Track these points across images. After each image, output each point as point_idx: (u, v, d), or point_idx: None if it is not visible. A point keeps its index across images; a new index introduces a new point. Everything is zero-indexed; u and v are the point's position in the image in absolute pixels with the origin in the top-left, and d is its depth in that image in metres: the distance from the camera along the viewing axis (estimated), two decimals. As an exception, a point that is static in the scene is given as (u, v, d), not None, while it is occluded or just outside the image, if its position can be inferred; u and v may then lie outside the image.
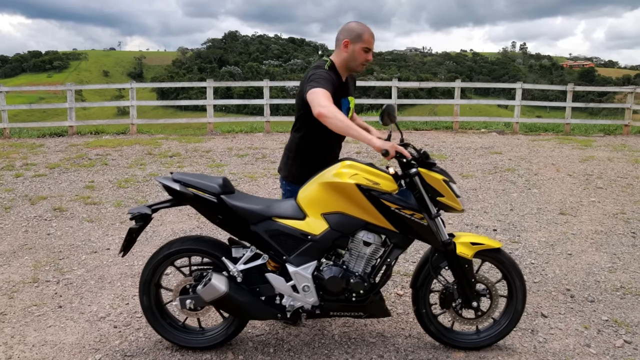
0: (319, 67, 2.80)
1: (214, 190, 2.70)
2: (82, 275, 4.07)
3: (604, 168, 8.05)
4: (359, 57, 2.81)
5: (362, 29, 2.79)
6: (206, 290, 2.72)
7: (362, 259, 2.72)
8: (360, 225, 2.66)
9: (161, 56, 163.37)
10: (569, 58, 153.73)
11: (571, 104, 12.42)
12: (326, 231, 2.66)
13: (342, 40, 2.78)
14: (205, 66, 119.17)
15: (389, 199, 2.62)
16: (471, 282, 2.83)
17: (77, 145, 10.09)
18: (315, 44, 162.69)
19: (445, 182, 2.65)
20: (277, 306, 2.79)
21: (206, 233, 5.03)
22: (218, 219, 2.74)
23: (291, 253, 2.70)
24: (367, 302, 2.75)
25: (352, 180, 2.60)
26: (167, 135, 11.66)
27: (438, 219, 2.69)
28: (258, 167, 8.19)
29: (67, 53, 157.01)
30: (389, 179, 2.65)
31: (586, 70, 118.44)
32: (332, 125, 2.49)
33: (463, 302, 2.87)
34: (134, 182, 7.12)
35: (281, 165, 3.06)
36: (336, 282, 2.67)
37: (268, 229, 2.70)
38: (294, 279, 2.70)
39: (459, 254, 2.75)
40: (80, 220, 5.50)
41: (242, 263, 2.78)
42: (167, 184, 2.72)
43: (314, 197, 2.69)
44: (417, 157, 2.66)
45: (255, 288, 2.80)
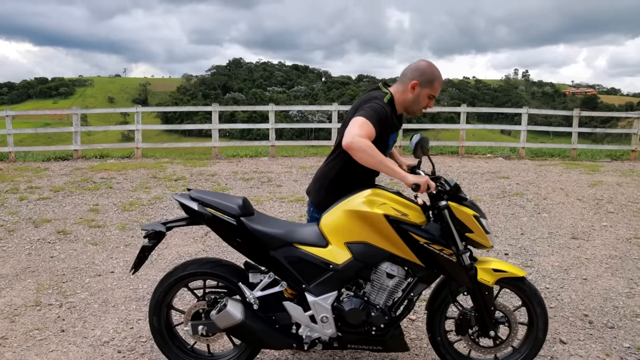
0: (377, 98, 2.62)
1: (233, 211, 2.58)
2: (85, 298, 3.97)
3: (614, 193, 7.96)
4: (423, 102, 2.67)
5: (435, 75, 2.63)
6: (221, 317, 2.60)
7: (384, 292, 2.59)
8: (385, 257, 2.54)
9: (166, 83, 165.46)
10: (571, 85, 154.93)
11: (577, 129, 12.41)
12: (349, 261, 2.53)
13: (411, 81, 2.62)
14: (209, 92, 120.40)
15: (418, 232, 2.50)
16: (490, 310, 2.70)
17: (82, 169, 10.08)
18: (319, 71, 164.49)
19: (475, 217, 2.53)
20: (292, 335, 2.66)
21: (212, 256, 4.93)
22: (236, 242, 2.61)
23: (311, 282, 2.57)
24: (387, 337, 2.62)
25: (380, 210, 2.47)
26: (172, 159, 11.66)
27: (465, 255, 2.54)
28: (264, 190, 8.14)
29: (73, 80, 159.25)
30: (417, 210, 2.54)
31: (589, 97, 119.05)
32: (360, 160, 2.38)
33: (480, 330, 2.74)
34: (139, 205, 7.06)
35: (312, 189, 2.91)
36: (357, 315, 2.55)
37: (288, 255, 2.57)
38: (312, 309, 2.57)
39: (479, 280, 2.62)
40: (84, 243, 5.43)
41: (259, 289, 2.65)
42: (184, 202, 2.61)
43: (338, 224, 2.56)
44: (448, 189, 2.55)
45: (272, 316, 2.66)
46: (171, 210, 6.79)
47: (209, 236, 5.64)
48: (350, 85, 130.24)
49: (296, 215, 6.57)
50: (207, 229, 5.89)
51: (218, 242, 5.40)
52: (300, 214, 6.61)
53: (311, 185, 2.94)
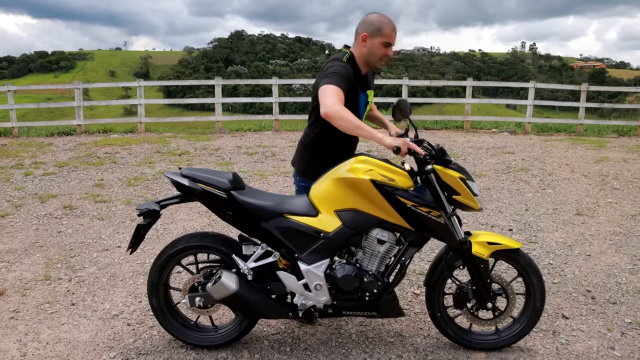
0: (337, 59, 2.67)
1: (223, 185, 2.63)
2: (94, 273, 4.03)
3: (620, 169, 7.93)
4: (378, 52, 2.65)
5: (383, 21, 2.62)
6: (216, 288, 2.66)
7: (375, 258, 2.64)
8: (375, 223, 2.58)
9: (167, 56, 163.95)
10: (579, 59, 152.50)
11: (584, 104, 12.26)
12: (339, 228, 2.58)
13: (361, 34, 2.64)
14: (211, 66, 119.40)
15: (405, 195, 2.53)
16: (486, 282, 2.75)
17: (86, 144, 10.09)
18: (322, 44, 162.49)
19: (462, 180, 2.55)
20: (288, 305, 2.73)
21: (218, 230, 4.97)
22: (228, 215, 2.66)
23: (303, 251, 2.63)
24: (380, 302, 2.68)
25: (367, 176, 2.51)
26: (176, 133, 11.65)
27: (454, 218, 2.59)
28: (268, 165, 8.14)
29: (74, 53, 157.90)
30: (404, 175, 2.56)
31: (597, 71, 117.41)
32: (339, 126, 2.41)
33: (478, 303, 2.79)
34: (144, 180, 7.09)
35: (295, 159, 2.97)
36: (349, 281, 2.60)
37: (279, 226, 2.62)
38: (305, 278, 2.63)
39: (474, 254, 2.67)
40: (91, 218, 5.47)
41: (252, 261, 2.72)
42: (175, 179, 2.65)
43: (327, 193, 2.61)
44: (434, 153, 2.57)
45: (266, 286, 2.73)
46: (176, 185, 6.82)
47: (214, 211, 5.67)
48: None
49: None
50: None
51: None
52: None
53: (295, 156, 2.99)
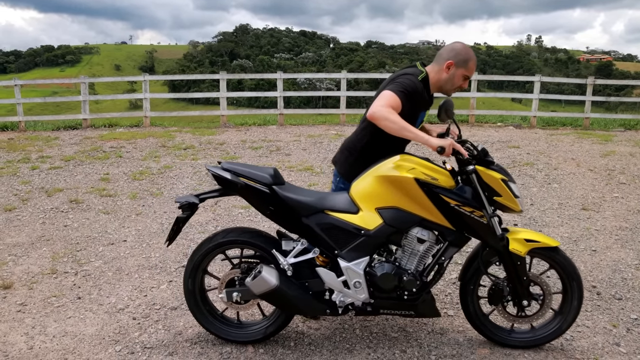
0: (411, 74, 2.69)
1: (266, 180, 2.64)
2: (99, 266, 4.05)
3: (627, 163, 7.89)
4: (457, 82, 2.72)
5: (470, 56, 2.68)
6: (256, 283, 2.66)
7: (415, 257, 2.64)
8: (416, 222, 2.58)
9: (172, 50, 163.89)
10: (586, 52, 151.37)
11: (591, 97, 12.17)
12: (380, 226, 2.58)
13: (447, 61, 2.67)
14: (216, 60, 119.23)
15: (449, 195, 2.53)
16: (523, 280, 2.72)
17: (92, 138, 10.13)
18: (327, 37, 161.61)
19: (503, 181, 2.55)
20: (326, 302, 2.73)
21: (222, 225, 5.00)
22: (269, 210, 2.67)
23: (343, 248, 2.63)
24: (419, 301, 2.68)
25: (411, 174, 2.52)
26: (180, 127, 11.67)
27: (494, 218, 2.58)
28: (273, 159, 8.15)
29: (79, 47, 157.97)
30: (446, 174, 2.56)
31: (604, 64, 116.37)
32: (384, 127, 2.46)
33: (514, 300, 2.77)
34: (149, 175, 7.11)
35: (339, 159, 2.95)
36: (389, 279, 2.60)
37: (320, 222, 2.63)
38: (345, 275, 2.63)
39: (511, 251, 2.64)
40: (97, 212, 5.50)
41: (292, 256, 2.72)
42: (218, 172, 2.66)
43: (369, 190, 2.60)
44: (476, 154, 2.57)
45: (305, 283, 2.73)
46: (181, 180, 6.84)
47: (219, 205, 5.69)
48: (358, 52, 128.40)
49: (305, 184, 6.58)
50: (217, 198, 5.94)
51: (228, 211, 5.45)
52: (309, 183, 6.63)
53: (338, 155, 2.98)
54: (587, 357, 2.81)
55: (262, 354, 2.82)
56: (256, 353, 2.83)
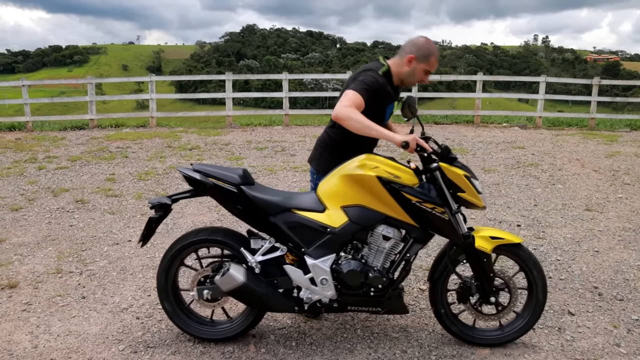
0: (372, 69, 2.74)
1: (234, 180, 2.70)
2: (104, 266, 4.10)
3: (631, 164, 7.85)
4: (418, 76, 2.77)
5: (431, 50, 2.73)
6: (224, 280, 2.72)
7: (381, 254, 2.69)
8: (380, 219, 2.64)
9: (179, 50, 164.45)
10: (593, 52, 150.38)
11: (596, 98, 12.12)
12: (346, 224, 2.64)
13: (408, 54, 2.73)
14: (223, 60, 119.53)
15: (410, 192, 2.59)
16: (490, 277, 2.77)
17: (98, 138, 10.21)
18: (334, 37, 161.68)
19: (466, 177, 2.61)
20: (294, 299, 2.79)
21: (227, 225, 5.02)
22: (237, 209, 2.74)
23: (310, 245, 2.69)
24: (385, 298, 2.73)
25: (373, 172, 2.58)
26: (187, 128, 11.73)
27: (459, 215, 2.64)
28: (277, 160, 8.18)
29: (87, 47, 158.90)
30: (409, 172, 2.62)
31: (611, 64, 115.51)
32: (349, 127, 2.53)
33: (481, 297, 2.82)
34: (154, 175, 7.17)
35: (314, 157, 3.04)
36: (355, 276, 2.66)
37: (287, 221, 2.69)
38: (312, 272, 2.69)
39: (477, 248, 2.70)
40: (102, 212, 5.55)
41: (260, 254, 2.77)
42: (187, 173, 2.73)
43: (334, 189, 2.67)
44: (439, 151, 2.62)
45: (273, 280, 2.79)
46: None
47: (223, 206, 5.72)
48: (365, 52, 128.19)
49: (309, 185, 6.60)
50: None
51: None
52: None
53: (313, 153, 3.06)
54: (588, 357, 2.81)
55: (263, 353, 2.85)
56: (258, 352, 2.85)
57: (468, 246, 2.70)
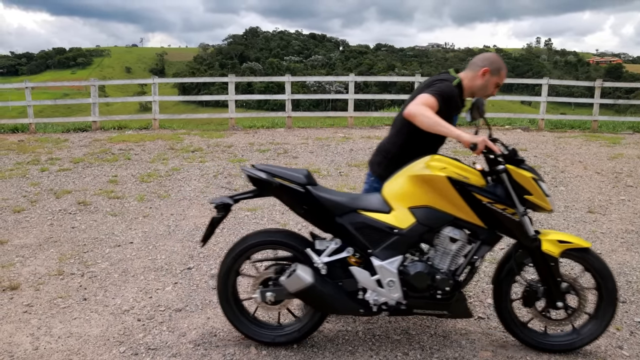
0: (446, 80, 2.81)
1: (300, 180, 2.70)
2: (106, 268, 4.10)
3: (634, 166, 7.83)
4: (490, 89, 2.86)
5: (502, 65, 2.85)
6: (291, 281, 2.70)
7: (447, 256, 2.67)
8: (448, 220, 2.62)
9: (182, 52, 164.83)
10: (595, 54, 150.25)
11: (599, 100, 12.10)
12: (413, 225, 2.63)
13: (482, 68, 2.81)
14: (226, 62, 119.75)
15: (481, 192, 2.57)
16: (557, 281, 2.72)
17: (101, 140, 10.23)
18: (337, 40, 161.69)
19: (534, 180, 2.58)
20: (359, 301, 2.76)
21: (228, 228, 5.03)
22: (303, 209, 2.74)
23: (376, 247, 2.67)
24: (452, 301, 2.69)
25: (443, 173, 2.57)
26: (189, 130, 11.74)
27: (526, 217, 2.61)
28: (280, 162, 8.18)
29: (91, 50, 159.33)
30: (477, 174, 2.61)
31: (613, 67, 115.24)
32: (420, 123, 2.55)
33: (548, 302, 2.78)
34: (157, 177, 7.18)
35: (375, 162, 3.06)
36: (422, 278, 2.63)
37: (354, 221, 2.68)
38: (378, 273, 2.67)
39: (544, 251, 2.66)
40: (104, 214, 5.56)
41: (326, 255, 2.76)
42: (253, 173, 2.72)
43: (402, 190, 2.66)
44: (506, 153, 2.61)
45: (338, 282, 2.76)
46: (188, 182, 6.89)
47: (225, 208, 5.72)
48: (368, 55, 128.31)
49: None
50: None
51: (234, 214, 5.48)
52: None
53: (374, 158, 3.09)
54: (590, 361, 2.80)
55: (264, 355, 2.84)
56: (259, 355, 2.85)
57: (535, 249, 2.67)
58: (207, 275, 3.95)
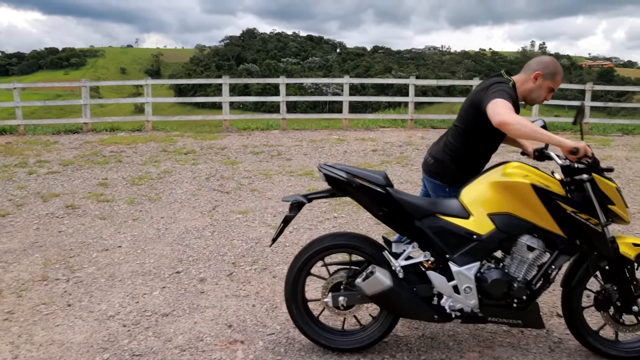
0: (503, 82, 2.76)
1: (380, 182, 2.65)
2: (92, 273, 4.03)
3: (622, 167, 7.86)
4: (543, 93, 2.81)
5: (558, 70, 2.78)
6: (369, 284, 2.65)
7: (523, 264, 2.62)
8: (527, 228, 2.57)
9: (179, 53, 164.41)
10: (588, 58, 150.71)
11: (590, 103, 12.21)
12: (492, 231, 2.58)
13: (535, 71, 2.77)
14: (223, 64, 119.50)
15: (565, 201, 2.52)
16: (633, 284, 2.67)
17: (92, 143, 10.14)
18: (334, 42, 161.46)
19: (617, 190, 2.54)
20: (434, 307, 2.71)
21: (219, 231, 4.97)
22: (382, 211, 2.68)
23: (454, 252, 2.62)
24: (527, 310, 2.65)
25: (527, 180, 2.52)
26: (183, 132, 11.68)
27: (608, 227, 2.56)
28: (273, 164, 8.13)
29: (84, 50, 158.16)
30: (557, 183, 2.57)
31: (605, 70, 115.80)
32: (516, 132, 2.46)
33: (623, 305, 2.71)
34: (148, 179, 7.11)
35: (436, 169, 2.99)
36: (499, 286, 2.58)
37: (432, 225, 2.63)
38: (456, 279, 2.61)
39: (622, 254, 2.62)
40: (93, 217, 5.49)
41: (403, 258, 2.72)
42: (332, 172, 2.67)
43: (482, 196, 2.62)
44: (590, 162, 2.54)
45: (413, 287, 2.71)
46: (180, 184, 6.83)
47: (216, 210, 5.67)
48: (365, 57, 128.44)
49: (304, 189, 6.55)
50: (215, 203, 5.93)
51: (225, 217, 5.42)
52: (309, 188, 6.60)
53: (433, 165, 3.02)
54: (574, 359, 2.76)
55: (252, 359, 2.79)
56: (246, 359, 2.80)
57: (613, 252, 2.62)
58: (195, 279, 3.90)
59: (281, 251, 4.44)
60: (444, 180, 2.96)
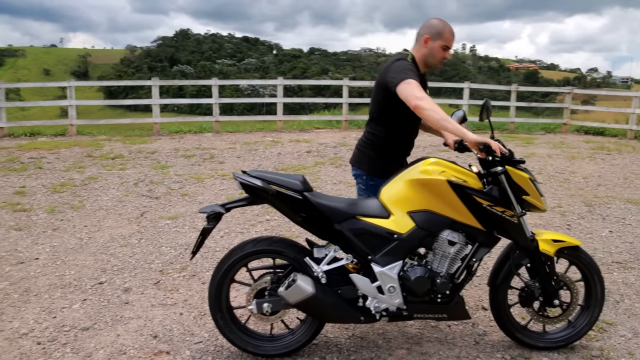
0: (402, 59, 2.77)
1: (296, 187, 2.60)
2: (4, 289, 3.76)
3: (544, 164, 8.33)
4: (437, 54, 2.81)
5: (443, 26, 2.79)
6: (291, 292, 2.58)
7: (446, 259, 2.65)
8: (447, 224, 2.60)
9: (108, 54, 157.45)
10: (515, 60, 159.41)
11: (515, 103, 12.87)
12: (413, 230, 2.59)
13: (423, 36, 2.79)
14: (155, 65, 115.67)
15: (481, 195, 2.58)
16: (553, 280, 2.78)
17: (8, 148, 9.46)
18: (270, 43, 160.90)
19: (530, 180, 2.62)
20: (359, 309, 2.69)
21: (147, 238, 4.80)
22: (300, 217, 2.63)
23: (377, 253, 2.62)
24: (452, 304, 2.68)
25: (443, 176, 2.55)
26: (111, 136, 11.18)
27: (523, 218, 2.63)
28: (205, 168, 7.97)
29: (2, 49, 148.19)
30: (474, 177, 2.61)
31: (531, 72, 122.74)
32: (427, 117, 2.48)
33: (545, 300, 2.81)
34: (71, 186, 6.75)
35: (359, 159, 2.99)
36: (423, 283, 2.60)
37: (353, 228, 2.61)
38: (379, 280, 2.61)
39: (542, 251, 2.71)
40: (7, 228, 5.13)
41: (325, 263, 2.66)
42: (247, 180, 2.59)
43: (400, 195, 2.63)
44: (505, 154, 2.60)
45: (337, 290, 2.67)
46: (106, 191, 6.53)
47: (144, 217, 5.48)
48: (301, 58, 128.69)
49: (237, 192, 6.46)
50: (143, 209, 5.72)
51: (153, 223, 5.25)
52: (241, 192, 6.50)
53: (356, 156, 3.02)
54: (497, 349, 2.88)
55: (175, 373, 2.71)
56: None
57: (533, 249, 2.70)
58: (120, 289, 3.74)
59: (211, 256, 4.35)
60: (366, 170, 2.96)
